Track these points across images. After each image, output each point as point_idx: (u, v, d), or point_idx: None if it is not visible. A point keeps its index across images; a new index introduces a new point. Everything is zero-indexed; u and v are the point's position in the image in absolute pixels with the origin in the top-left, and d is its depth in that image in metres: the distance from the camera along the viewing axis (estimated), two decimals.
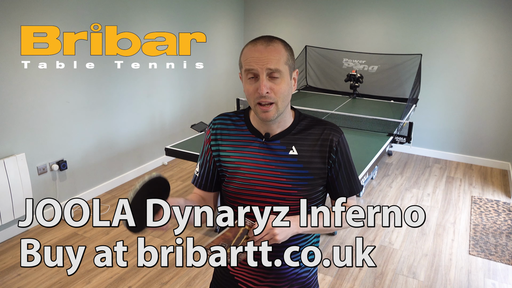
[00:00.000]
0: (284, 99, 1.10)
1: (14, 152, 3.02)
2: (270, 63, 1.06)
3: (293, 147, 1.15)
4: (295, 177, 1.14)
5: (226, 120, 1.23)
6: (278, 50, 1.08)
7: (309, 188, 1.15)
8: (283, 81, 1.08)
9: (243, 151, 1.17)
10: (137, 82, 4.03)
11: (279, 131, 1.16)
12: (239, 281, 1.26)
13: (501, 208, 3.67)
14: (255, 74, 1.07)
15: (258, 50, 1.07)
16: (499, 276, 2.76)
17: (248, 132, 1.18)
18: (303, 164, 1.14)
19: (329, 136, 1.16)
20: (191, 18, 4.65)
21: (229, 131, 1.20)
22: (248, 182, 1.15)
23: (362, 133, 3.51)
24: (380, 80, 5.02)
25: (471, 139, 4.73)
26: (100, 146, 3.73)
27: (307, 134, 1.17)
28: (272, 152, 1.15)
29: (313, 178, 1.15)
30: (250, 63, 1.07)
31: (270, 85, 1.07)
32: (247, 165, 1.16)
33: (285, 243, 1.16)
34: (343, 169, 1.20)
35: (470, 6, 4.37)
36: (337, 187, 1.21)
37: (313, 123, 1.19)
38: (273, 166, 1.14)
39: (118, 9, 3.67)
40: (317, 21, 5.24)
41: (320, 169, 1.16)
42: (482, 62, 4.46)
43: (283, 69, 1.08)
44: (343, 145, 1.19)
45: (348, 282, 2.67)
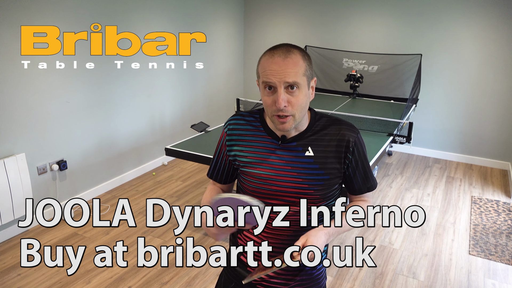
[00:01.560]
0: (301, 110, 1.11)
1: (14, 152, 3.02)
2: (288, 76, 1.05)
3: (309, 148, 1.17)
4: (311, 177, 1.15)
5: (240, 120, 1.24)
6: (296, 62, 1.07)
7: (325, 188, 1.17)
8: (301, 93, 1.09)
9: (260, 152, 1.19)
10: (137, 82, 4.03)
11: (295, 134, 1.18)
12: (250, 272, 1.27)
13: (501, 208, 3.67)
14: (273, 86, 1.07)
15: (276, 63, 1.06)
16: (499, 276, 2.76)
17: (265, 134, 1.20)
18: (319, 164, 1.16)
19: (345, 136, 1.17)
20: (191, 18, 4.65)
21: (245, 131, 1.22)
22: (265, 182, 1.18)
23: (362, 133, 3.49)
24: (380, 80, 5.02)
25: (471, 139, 4.73)
26: (100, 146, 3.73)
27: (323, 135, 1.18)
28: (288, 153, 1.17)
29: (329, 178, 1.17)
30: (268, 75, 1.07)
31: (288, 98, 1.07)
32: (264, 166, 1.18)
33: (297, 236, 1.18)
34: (360, 167, 1.21)
35: (470, 6, 4.37)
36: (355, 185, 1.24)
37: (329, 123, 1.20)
38: (290, 167, 1.16)
39: (118, 9, 3.67)
40: (317, 21, 5.24)
41: (336, 169, 1.18)
42: (482, 62, 4.46)
43: (301, 81, 1.07)
44: (360, 144, 1.20)
45: (348, 282, 2.67)
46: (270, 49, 1.10)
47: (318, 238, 1.08)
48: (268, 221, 1.20)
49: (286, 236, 1.20)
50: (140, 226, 3.28)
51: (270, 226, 1.21)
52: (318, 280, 1.31)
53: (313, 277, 1.29)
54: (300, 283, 1.26)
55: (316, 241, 1.07)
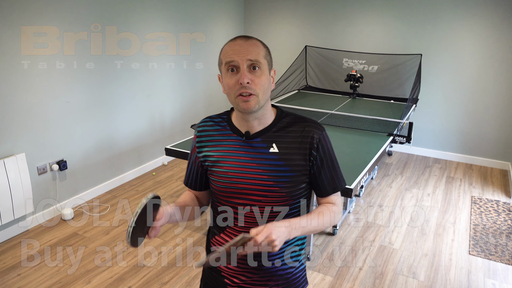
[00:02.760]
0: (264, 92, 1.12)
1: (14, 152, 3.02)
2: (250, 54, 1.09)
3: (273, 144, 1.16)
4: (276, 174, 1.15)
5: (208, 122, 1.26)
6: (257, 44, 1.12)
7: (291, 185, 1.16)
8: (263, 74, 1.11)
9: (225, 150, 1.20)
10: (137, 82, 4.03)
11: (260, 129, 1.18)
12: (225, 277, 1.28)
13: (501, 208, 3.67)
14: (236, 66, 1.09)
15: (238, 44, 1.11)
16: (499, 276, 2.76)
17: (230, 132, 1.21)
18: (284, 161, 1.15)
19: (309, 133, 1.17)
20: (191, 18, 4.65)
21: (213, 132, 1.23)
22: (231, 180, 1.17)
23: (362, 133, 3.51)
24: (380, 80, 5.02)
25: (471, 139, 4.73)
26: (100, 146, 3.73)
27: (288, 132, 1.18)
28: (253, 150, 1.17)
29: (295, 175, 1.16)
30: (231, 55, 1.10)
31: (251, 77, 1.09)
32: (229, 164, 1.18)
33: None
34: (325, 166, 1.19)
35: (470, 6, 4.37)
36: (320, 185, 1.21)
37: (294, 121, 1.20)
38: (255, 164, 1.16)
39: (118, 9, 3.67)
40: (317, 21, 5.24)
41: (302, 166, 1.16)
42: (482, 62, 4.47)
43: (262, 62, 1.11)
44: (325, 142, 1.19)
45: (348, 282, 2.67)
46: (231, 39, 1.15)
47: (276, 225, 1.03)
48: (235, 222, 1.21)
49: None
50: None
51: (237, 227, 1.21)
52: (296, 285, 1.29)
53: (289, 281, 1.27)
54: (277, 285, 1.25)
55: (273, 226, 1.01)
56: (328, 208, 1.20)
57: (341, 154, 3.04)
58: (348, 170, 2.76)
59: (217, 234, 1.28)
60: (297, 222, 1.10)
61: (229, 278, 1.27)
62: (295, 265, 1.28)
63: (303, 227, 1.11)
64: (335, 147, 3.18)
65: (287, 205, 1.18)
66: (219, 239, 1.27)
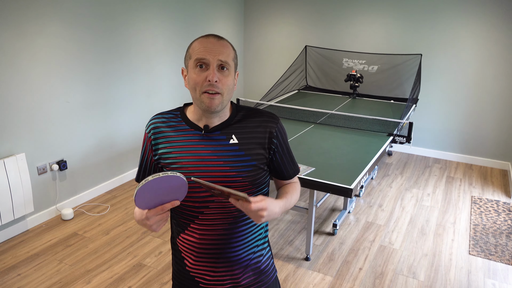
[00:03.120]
0: (228, 92, 1.15)
1: (14, 152, 3.02)
2: (221, 55, 1.12)
3: (233, 135, 1.19)
4: (238, 165, 1.17)
5: (160, 119, 1.25)
6: (228, 46, 1.15)
7: (253, 174, 1.19)
8: (230, 75, 1.15)
9: (183, 145, 1.20)
10: (137, 82, 4.03)
11: (218, 123, 1.20)
12: (196, 276, 1.27)
13: (501, 208, 3.67)
14: (206, 63, 1.12)
15: (210, 42, 1.13)
16: (499, 276, 2.76)
17: (187, 127, 1.21)
18: (244, 151, 1.19)
19: (267, 123, 1.22)
20: (191, 18, 4.65)
21: (166, 129, 1.23)
22: (192, 174, 1.17)
23: (362, 133, 3.51)
24: (380, 80, 5.02)
25: (471, 139, 4.73)
26: (100, 146, 3.73)
27: (246, 123, 1.22)
28: (213, 142, 1.19)
29: (256, 164, 1.20)
30: (203, 52, 1.11)
31: (219, 76, 1.12)
32: (189, 159, 1.18)
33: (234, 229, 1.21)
34: (286, 152, 1.28)
35: (470, 6, 4.37)
36: (283, 170, 1.29)
37: (250, 113, 1.25)
38: (215, 157, 1.17)
39: (118, 9, 3.67)
40: (317, 21, 5.24)
41: (262, 154, 1.21)
42: (482, 62, 4.47)
43: (231, 64, 1.15)
44: (282, 131, 1.26)
45: (348, 282, 2.67)
46: (202, 36, 1.15)
47: (273, 206, 1.10)
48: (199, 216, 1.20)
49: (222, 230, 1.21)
50: (140, 226, 3.28)
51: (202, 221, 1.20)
52: (267, 273, 1.32)
53: (261, 270, 1.30)
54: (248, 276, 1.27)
55: (269, 204, 1.07)
56: (294, 186, 1.31)
57: (341, 154, 3.04)
58: (348, 170, 2.76)
59: (181, 232, 1.26)
60: (284, 203, 1.19)
61: (199, 277, 1.26)
62: (263, 252, 1.31)
63: (286, 207, 1.22)
64: (335, 147, 3.18)
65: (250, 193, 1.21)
66: (185, 237, 1.25)
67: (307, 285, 2.63)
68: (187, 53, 1.17)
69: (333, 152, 3.07)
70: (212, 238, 1.21)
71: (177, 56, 4.52)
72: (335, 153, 3.05)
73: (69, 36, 3.27)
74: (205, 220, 1.20)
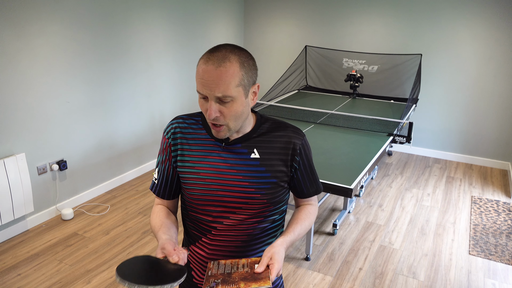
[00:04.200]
0: (236, 119, 1.06)
1: (14, 152, 3.02)
2: (218, 90, 1.00)
3: (254, 150, 1.12)
4: (257, 181, 1.11)
5: (181, 123, 1.18)
6: (230, 72, 1.00)
7: (272, 192, 1.13)
8: (235, 104, 1.03)
9: (203, 155, 1.13)
10: (137, 82, 4.03)
11: (240, 135, 1.14)
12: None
13: (501, 208, 3.67)
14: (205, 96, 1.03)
15: (208, 72, 1.00)
16: (499, 276, 2.76)
17: (207, 136, 1.14)
18: (265, 167, 1.12)
19: (291, 139, 1.14)
20: (191, 18, 4.65)
21: (187, 135, 1.16)
22: (210, 187, 1.11)
23: (362, 133, 3.51)
24: (380, 80, 5.02)
25: (471, 139, 4.73)
26: (100, 146, 3.73)
27: (269, 137, 1.14)
28: (233, 156, 1.12)
29: (276, 182, 1.13)
30: (200, 86, 1.02)
31: (220, 108, 1.03)
32: (208, 170, 1.12)
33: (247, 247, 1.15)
34: (308, 170, 1.20)
35: (470, 6, 4.37)
36: (303, 188, 1.22)
37: (275, 126, 1.16)
38: (235, 170, 1.11)
39: (118, 9, 3.67)
40: (317, 21, 5.24)
41: (283, 172, 1.14)
42: (482, 62, 4.47)
43: (234, 93, 1.01)
44: (307, 147, 1.18)
45: (348, 282, 2.67)
46: (208, 52, 1.04)
47: (282, 255, 1.03)
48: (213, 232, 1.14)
49: (234, 248, 1.15)
50: (140, 226, 3.28)
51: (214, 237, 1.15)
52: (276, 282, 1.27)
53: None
54: None
55: (281, 259, 1.02)
56: (306, 212, 1.22)
57: (341, 154, 3.04)
58: (348, 170, 2.76)
59: (192, 243, 1.21)
60: (291, 240, 1.11)
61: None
62: None
63: (293, 240, 1.13)
64: (335, 147, 3.18)
65: (267, 211, 1.15)
66: (195, 249, 1.20)
67: (307, 285, 2.63)
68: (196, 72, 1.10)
69: (333, 152, 3.07)
70: (223, 255, 1.16)
71: (177, 56, 4.52)
72: (335, 153, 3.05)
73: (69, 36, 3.27)
74: (217, 236, 1.15)
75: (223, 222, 1.13)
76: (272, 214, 1.17)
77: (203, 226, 1.16)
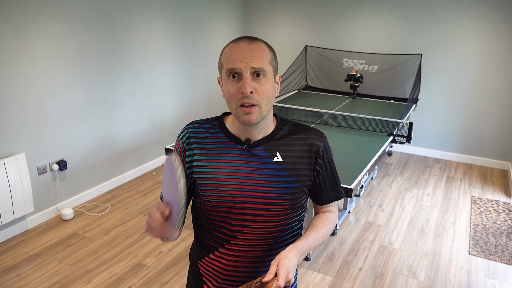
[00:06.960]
0: (268, 102, 1.02)
1: (14, 152, 3.02)
2: (254, 61, 0.98)
3: (277, 153, 1.08)
4: (280, 186, 1.06)
5: (198, 128, 1.12)
6: (262, 48, 1.01)
7: (295, 197, 1.09)
8: (268, 82, 1.01)
9: (222, 159, 1.07)
10: (137, 82, 4.03)
11: (261, 137, 1.08)
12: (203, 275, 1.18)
13: (501, 208, 3.67)
14: (238, 73, 0.99)
15: (241, 47, 0.99)
16: (499, 276, 2.76)
17: (227, 140, 1.09)
18: (288, 171, 1.07)
19: (314, 141, 1.11)
20: (191, 18, 4.65)
21: (203, 140, 1.11)
22: (229, 193, 1.06)
23: (362, 133, 3.51)
24: (380, 80, 5.02)
25: (471, 139, 4.73)
26: (100, 146, 3.73)
27: (291, 140, 1.10)
28: (255, 159, 1.07)
29: (299, 186, 1.09)
30: (233, 60, 0.99)
31: (254, 85, 0.99)
32: (228, 175, 1.06)
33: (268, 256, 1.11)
34: (330, 174, 1.15)
35: (470, 6, 4.37)
36: (324, 193, 1.16)
37: (296, 128, 1.13)
38: (257, 175, 1.06)
39: (118, 9, 3.67)
40: (317, 21, 5.24)
41: (306, 176, 1.10)
42: (482, 62, 4.47)
43: (267, 69, 1.01)
44: (329, 150, 1.15)
45: (348, 282, 2.67)
46: (234, 40, 1.03)
47: (290, 260, 0.96)
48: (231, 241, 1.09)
49: (254, 258, 1.10)
50: (140, 226, 3.28)
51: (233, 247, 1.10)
52: None
53: None
54: None
55: (288, 263, 0.95)
56: (323, 219, 1.16)
57: (341, 154, 3.04)
58: (348, 170, 2.76)
59: (206, 255, 1.15)
60: (303, 245, 1.04)
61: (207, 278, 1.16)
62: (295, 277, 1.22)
63: (308, 248, 1.06)
64: (335, 147, 3.18)
65: (288, 219, 1.10)
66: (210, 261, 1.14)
67: (307, 285, 2.63)
68: (219, 62, 1.05)
69: (333, 152, 3.07)
70: (242, 265, 1.11)
71: (177, 56, 4.52)
72: (335, 153, 3.05)
73: (69, 36, 3.27)
74: (236, 245, 1.09)
75: (243, 230, 1.08)
76: (292, 222, 1.12)
77: (221, 236, 1.10)
